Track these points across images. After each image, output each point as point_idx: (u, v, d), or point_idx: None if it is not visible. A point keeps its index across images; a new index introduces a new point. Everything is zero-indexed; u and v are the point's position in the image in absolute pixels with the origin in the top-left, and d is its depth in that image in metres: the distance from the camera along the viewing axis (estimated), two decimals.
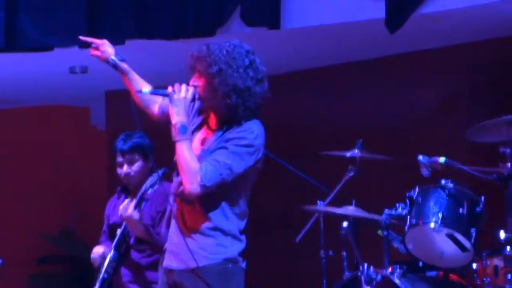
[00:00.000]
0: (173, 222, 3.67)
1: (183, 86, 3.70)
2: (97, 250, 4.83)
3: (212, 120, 3.76)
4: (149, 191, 4.59)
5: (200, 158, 3.56)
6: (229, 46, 3.66)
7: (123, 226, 4.69)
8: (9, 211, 7.37)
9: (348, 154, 5.18)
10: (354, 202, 5.05)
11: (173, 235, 3.62)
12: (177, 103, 3.67)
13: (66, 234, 7.78)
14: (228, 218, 3.57)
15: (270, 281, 6.72)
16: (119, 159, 4.72)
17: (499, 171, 4.84)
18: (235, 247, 3.59)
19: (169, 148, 3.87)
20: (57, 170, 7.82)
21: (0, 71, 6.44)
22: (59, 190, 7.81)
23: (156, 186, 4.51)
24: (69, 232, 7.65)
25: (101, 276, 4.77)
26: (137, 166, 4.74)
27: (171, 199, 3.80)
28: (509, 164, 4.80)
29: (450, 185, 4.87)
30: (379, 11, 5.55)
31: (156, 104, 4.02)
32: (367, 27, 5.71)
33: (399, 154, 5.57)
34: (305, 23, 5.71)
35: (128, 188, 4.79)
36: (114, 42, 4.19)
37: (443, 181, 4.86)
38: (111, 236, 4.85)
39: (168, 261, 3.64)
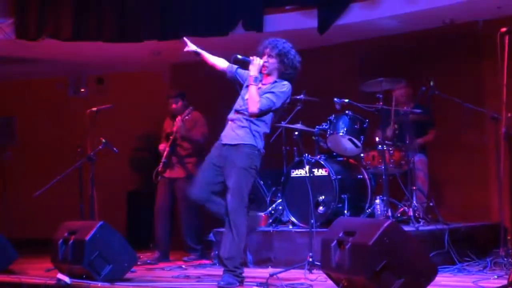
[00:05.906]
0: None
1: (258, 58, 5.14)
2: (161, 146, 7.29)
3: (265, 78, 5.22)
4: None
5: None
6: (283, 42, 5.14)
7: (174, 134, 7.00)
8: None
9: (298, 97, 6.68)
10: (300, 122, 6.78)
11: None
12: (255, 65, 5.11)
13: None
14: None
15: None
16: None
17: (375, 107, 6.55)
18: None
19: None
20: None
21: None
22: None
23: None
24: None
25: (162, 160, 7.15)
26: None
27: (232, 112, 5.16)
28: (381, 103, 6.51)
29: (350, 112, 6.68)
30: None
31: (220, 65, 5.29)
32: None
33: (326, 99, 6.64)
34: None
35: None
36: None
37: (346, 111, 6.64)
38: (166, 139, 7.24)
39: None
